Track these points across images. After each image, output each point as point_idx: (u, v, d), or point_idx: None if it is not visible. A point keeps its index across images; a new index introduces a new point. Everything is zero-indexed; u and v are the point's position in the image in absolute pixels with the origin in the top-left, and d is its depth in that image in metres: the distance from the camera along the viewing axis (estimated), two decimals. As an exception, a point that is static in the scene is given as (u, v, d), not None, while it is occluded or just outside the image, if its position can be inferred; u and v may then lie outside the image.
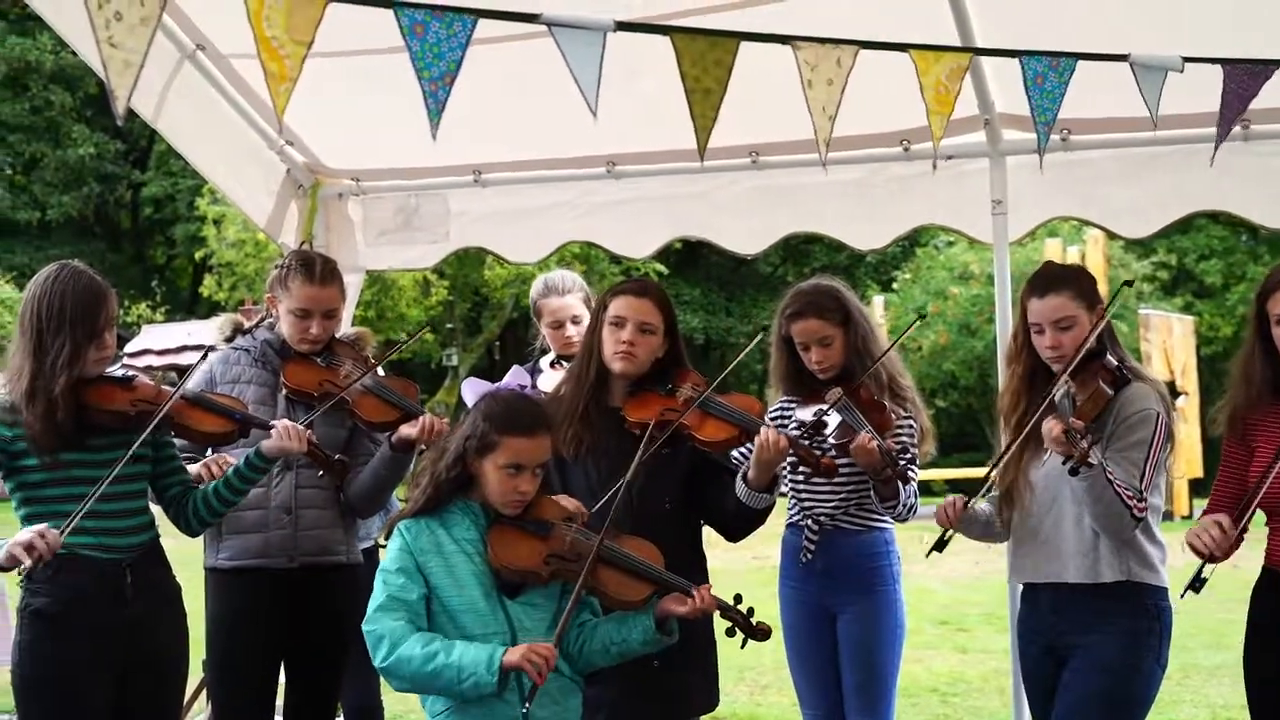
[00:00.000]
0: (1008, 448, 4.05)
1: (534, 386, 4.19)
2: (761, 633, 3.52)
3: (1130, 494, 3.81)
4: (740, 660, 3.59)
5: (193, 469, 4.34)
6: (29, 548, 3.56)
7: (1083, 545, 3.96)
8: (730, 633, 3.55)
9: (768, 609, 3.99)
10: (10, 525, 5.10)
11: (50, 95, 33.37)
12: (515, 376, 3.65)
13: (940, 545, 3.95)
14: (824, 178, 5.55)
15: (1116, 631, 3.91)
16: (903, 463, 4.36)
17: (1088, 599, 3.96)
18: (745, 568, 11.20)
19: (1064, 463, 3.75)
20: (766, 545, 5.32)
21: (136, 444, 3.84)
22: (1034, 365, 4.12)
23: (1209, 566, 3.59)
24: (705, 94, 3.42)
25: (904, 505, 4.45)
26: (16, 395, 3.80)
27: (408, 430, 4.32)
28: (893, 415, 4.48)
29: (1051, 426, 3.74)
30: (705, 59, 3.45)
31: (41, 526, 3.61)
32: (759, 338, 4.59)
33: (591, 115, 3.26)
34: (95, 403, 3.85)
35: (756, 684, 8.64)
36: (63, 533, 3.61)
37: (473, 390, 3.47)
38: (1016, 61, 3.78)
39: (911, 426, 4.61)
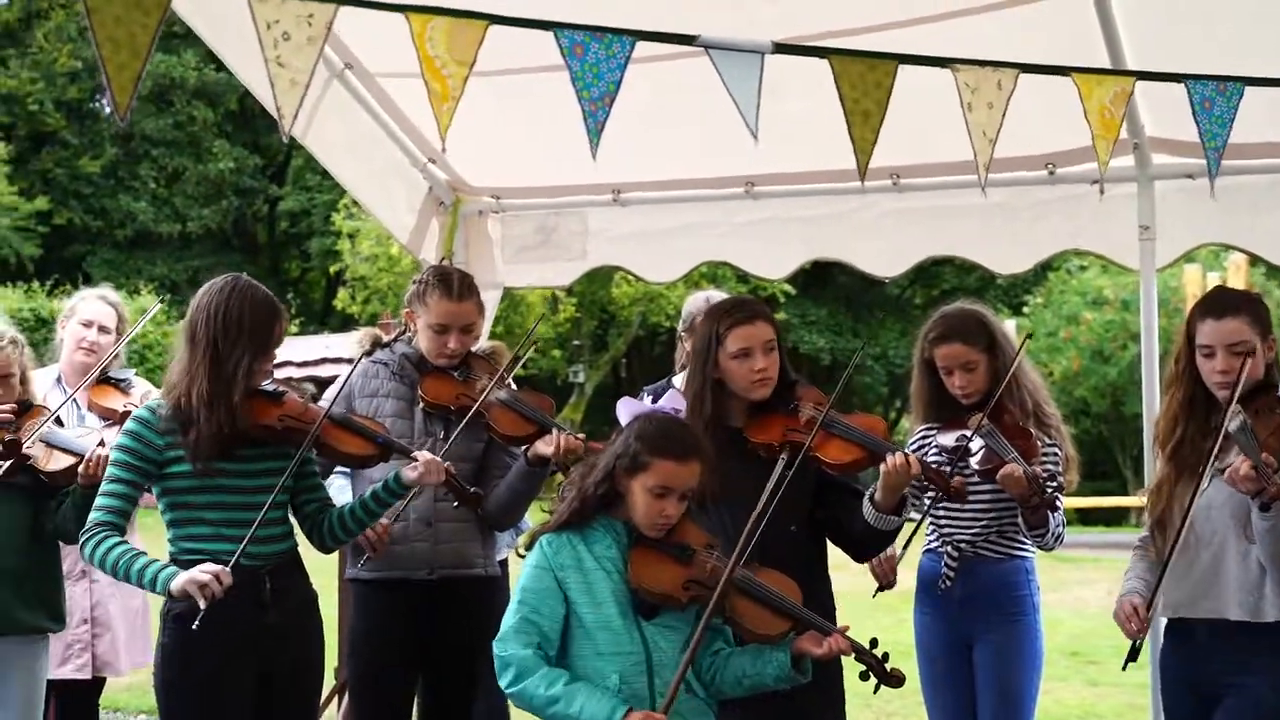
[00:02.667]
0: (1193, 482, 3.82)
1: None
2: (896, 679, 3.43)
3: None
4: (867, 687, 3.53)
5: None
6: (203, 587, 3.62)
7: (1248, 582, 3.80)
8: (864, 676, 3.47)
9: (890, 635, 3.91)
10: (148, 530, 5.22)
11: (193, 111, 34.27)
12: (671, 400, 3.62)
13: (1134, 655, 3.81)
14: (965, 200, 5.49)
15: (1273, 674, 3.77)
16: (1050, 490, 4.28)
17: (1247, 638, 3.81)
18: (866, 591, 11.04)
19: (1253, 498, 3.61)
20: (890, 570, 5.24)
21: (295, 462, 3.92)
22: (1194, 391, 3.96)
23: None
24: (865, 116, 3.38)
25: (1052, 534, 4.38)
26: (196, 401, 3.84)
27: (543, 448, 4.36)
28: (1038, 442, 4.41)
29: (1240, 464, 3.59)
30: (865, 81, 3.41)
31: (220, 570, 3.66)
32: (861, 347, 4.53)
33: (752, 137, 3.24)
34: (248, 415, 3.91)
35: (883, 710, 8.52)
36: (231, 567, 3.68)
37: (628, 409, 3.46)
38: (1165, 84, 3.70)
39: (1057, 454, 4.52)
